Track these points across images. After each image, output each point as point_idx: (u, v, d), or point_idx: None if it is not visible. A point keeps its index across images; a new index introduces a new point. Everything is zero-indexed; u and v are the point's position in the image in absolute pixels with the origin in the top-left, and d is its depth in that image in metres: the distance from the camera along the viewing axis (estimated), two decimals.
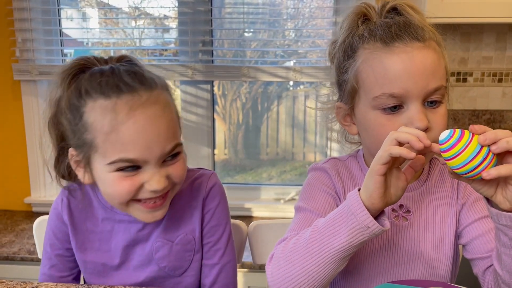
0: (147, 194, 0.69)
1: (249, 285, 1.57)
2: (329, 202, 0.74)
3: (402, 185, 0.60)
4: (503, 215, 0.55)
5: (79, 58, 0.73)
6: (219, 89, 2.16)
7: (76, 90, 0.69)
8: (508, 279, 0.61)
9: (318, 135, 2.24)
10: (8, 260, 1.57)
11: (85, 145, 0.68)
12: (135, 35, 2.10)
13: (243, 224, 0.97)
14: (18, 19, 1.83)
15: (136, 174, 0.68)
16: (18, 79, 1.88)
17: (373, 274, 0.73)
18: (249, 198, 1.97)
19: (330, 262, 0.59)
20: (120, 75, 0.68)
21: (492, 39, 1.91)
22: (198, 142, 1.96)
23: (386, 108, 0.67)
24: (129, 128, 0.65)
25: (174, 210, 0.80)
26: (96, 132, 0.66)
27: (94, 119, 0.66)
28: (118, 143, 0.65)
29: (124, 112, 0.65)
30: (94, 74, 0.70)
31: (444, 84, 0.67)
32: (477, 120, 1.97)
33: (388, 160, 0.56)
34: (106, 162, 0.67)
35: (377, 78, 0.67)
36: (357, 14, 0.71)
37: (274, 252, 0.66)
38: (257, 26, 1.96)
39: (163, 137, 0.68)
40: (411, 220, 0.73)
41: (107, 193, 0.71)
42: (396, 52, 0.65)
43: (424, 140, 0.56)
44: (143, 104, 0.66)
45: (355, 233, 0.58)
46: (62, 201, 0.81)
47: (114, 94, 0.66)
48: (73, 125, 0.69)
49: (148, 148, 0.66)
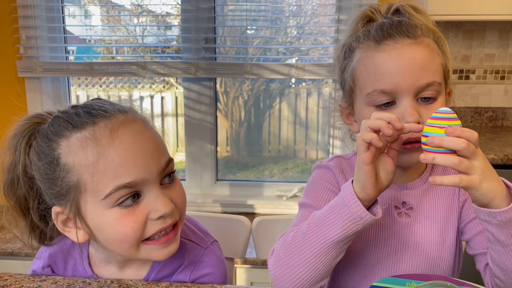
0: (156, 227, 0.62)
1: (252, 281, 1.58)
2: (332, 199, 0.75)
3: (390, 168, 0.61)
4: (481, 210, 0.58)
5: (30, 116, 0.66)
6: (221, 87, 2.17)
7: (42, 139, 0.62)
8: (498, 273, 0.63)
9: (320, 133, 2.24)
10: (13, 256, 1.58)
11: (70, 190, 0.60)
12: (137, 33, 2.11)
13: (246, 219, 0.98)
14: (22, 17, 1.84)
15: (137, 205, 0.61)
16: (22, 76, 1.89)
17: (376, 270, 0.74)
18: (252, 195, 1.97)
19: (326, 252, 0.61)
20: (88, 106, 0.63)
21: (495, 37, 1.91)
22: (201, 139, 1.97)
23: (379, 104, 0.68)
24: (116, 149, 0.59)
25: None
26: (81, 168, 0.59)
27: (74, 155, 0.59)
28: (109, 170, 0.58)
29: (106, 136, 0.59)
30: (57, 117, 0.63)
31: (438, 80, 0.67)
32: (480, 118, 1.98)
33: (366, 147, 0.58)
34: (101, 197, 0.59)
35: (369, 75, 0.69)
36: (361, 17, 0.73)
37: (275, 246, 0.68)
38: (259, 24, 1.96)
39: (154, 151, 0.62)
40: (413, 217, 0.74)
41: (111, 240, 0.62)
42: (386, 49, 0.67)
43: (395, 123, 0.58)
44: (122, 124, 0.61)
45: (348, 224, 0.60)
46: (43, 270, 0.73)
47: (88, 123, 0.60)
48: (50, 175, 0.61)
49: (142, 166, 0.60)
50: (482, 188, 0.55)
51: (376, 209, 0.62)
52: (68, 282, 0.68)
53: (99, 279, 0.69)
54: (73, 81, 2.19)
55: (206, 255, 0.73)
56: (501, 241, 0.59)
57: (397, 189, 0.75)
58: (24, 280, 0.69)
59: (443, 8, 1.54)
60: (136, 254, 0.64)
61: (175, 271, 0.71)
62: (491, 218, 0.57)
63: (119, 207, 0.60)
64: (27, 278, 0.70)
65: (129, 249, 0.63)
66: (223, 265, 0.75)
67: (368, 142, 0.58)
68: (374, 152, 0.59)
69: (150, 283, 0.68)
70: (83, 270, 0.71)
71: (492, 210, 0.57)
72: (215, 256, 0.74)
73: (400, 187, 0.75)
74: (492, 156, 1.46)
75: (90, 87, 2.56)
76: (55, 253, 0.73)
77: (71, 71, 1.92)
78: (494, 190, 0.56)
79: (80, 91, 2.51)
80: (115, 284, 0.68)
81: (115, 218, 0.60)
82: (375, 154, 0.59)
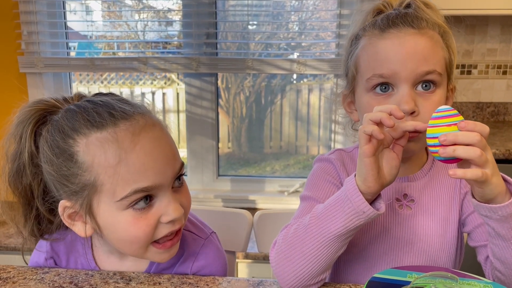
0: (165, 230, 0.63)
1: (253, 276, 1.59)
2: (333, 191, 0.75)
3: (395, 164, 0.61)
4: (482, 206, 0.58)
5: (35, 102, 0.65)
6: (222, 83, 2.17)
7: (56, 132, 0.61)
8: (499, 266, 0.63)
9: (322, 128, 2.24)
10: (15, 251, 1.59)
11: (84, 188, 0.60)
12: (138, 28, 2.11)
13: (248, 213, 0.98)
14: (23, 12, 1.84)
15: (149, 208, 0.62)
16: (24, 71, 1.89)
17: (377, 262, 0.75)
18: (254, 190, 1.98)
19: (328, 245, 0.61)
20: (108, 105, 0.62)
21: (497, 31, 1.90)
22: (203, 135, 1.97)
23: (377, 89, 0.69)
24: (138, 154, 0.59)
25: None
26: (100, 168, 0.59)
27: (94, 155, 0.59)
28: (129, 173, 0.59)
29: (128, 140, 0.59)
30: (71, 111, 0.62)
31: (438, 70, 0.68)
32: (481, 113, 1.97)
33: (367, 139, 0.58)
34: (116, 199, 0.59)
35: (369, 61, 0.70)
36: (373, 10, 0.74)
37: (277, 238, 0.68)
38: (261, 19, 1.96)
39: (170, 157, 0.63)
40: (415, 209, 0.74)
41: (121, 240, 0.63)
42: (389, 37, 0.68)
43: (396, 112, 0.58)
44: (144, 128, 0.61)
45: (351, 218, 0.60)
46: (46, 261, 0.73)
47: (109, 123, 0.60)
48: (65, 171, 0.60)
49: (159, 172, 0.61)
50: (492, 182, 0.55)
51: (379, 204, 0.61)
52: (71, 274, 0.68)
53: (102, 271, 0.69)
54: (75, 77, 2.20)
55: (205, 246, 0.73)
56: (502, 235, 0.59)
57: (398, 181, 0.75)
58: (27, 272, 0.69)
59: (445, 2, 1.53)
60: (143, 255, 0.65)
61: (176, 262, 0.72)
62: (492, 214, 0.57)
63: (132, 209, 0.61)
64: (30, 271, 0.70)
65: (138, 250, 0.64)
66: (223, 255, 0.76)
67: (369, 134, 0.58)
68: (375, 144, 0.59)
69: (152, 275, 0.68)
70: (86, 262, 0.72)
71: (493, 206, 0.56)
72: (215, 247, 0.74)
73: (401, 179, 0.75)
74: (494, 151, 1.46)
75: (91, 83, 2.56)
76: (57, 245, 0.73)
77: (72, 66, 1.92)
78: (500, 185, 0.56)
79: (81, 87, 2.51)
80: (117, 276, 0.68)
81: (128, 221, 0.61)
82: (376, 147, 0.59)
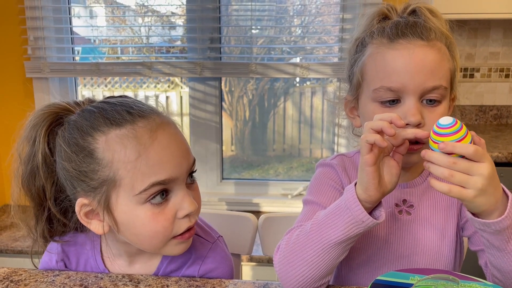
0: (184, 225, 0.65)
1: (257, 279, 1.60)
2: (335, 196, 0.76)
3: (395, 172, 0.62)
4: (475, 220, 0.58)
5: (48, 105, 0.67)
6: (225, 86, 2.18)
7: (74, 131, 0.63)
8: (496, 273, 0.64)
9: (325, 131, 2.25)
10: (22, 254, 1.61)
11: (103, 184, 0.62)
12: (142, 33, 2.13)
13: (253, 216, 0.99)
14: (30, 18, 1.86)
15: (166, 203, 0.64)
16: (30, 76, 1.91)
17: (377, 267, 0.75)
18: (257, 193, 1.99)
19: (328, 252, 0.62)
20: (125, 104, 0.65)
21: (499, 35, 1.91)
22: (207, 138, 1.99)
23: (384, 101, 0.69)
24: (156, 149, 0.62)
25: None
26: (119, 164, 0.61)
27: (113, 151, 0.61)
28: (147, 168, 0.61)
29: (147, 136, 0.62)
30: (89, 111, 0.65)
31: (444, 85, 0.68)
32: (484, 116, 1.98)
33: (369, 148, 0.58)
34: (135, 192, 0.61)
35: (378, 71, 0.70)
36: (378, 14, 0.74)
37: (281, 243, 0.69)
38: (264, 23, 1.97)
39: (185, 151, 0.66)
40: (414, 215, 0.75)
41: (141, 235, 0.64)
42: (399, 48, 0.68)
43: (396, 121, 0.58)
44: (160, 125, 0.64)
45: (350, 227, 0.60)
46: (57, 264, 0.74)
47: (128, 121, 0.63)
48: (84, 167, 0.62)
49: (176, 165, 0.64)
50: (475, 201, 0.55)
51: (379, 212, 0.62)
52: (81, 277, 0.70)
53: (111, 274, 0.71)
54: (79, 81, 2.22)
55: (213, 249, 0.75)
56: (497, 246, 0.59)
57: (397, 187, 0.76)
58: (38, 275, 0.71)
59: (447, 7, 1.55)
60: (161, 250, 0.67)
61: (184, 265, 0.73)
62: (485, 227, 0.57)
63: (150, 203, 0.63)
64: (41, 273, 0.71)
65: (157, 244, 0.65)
66: (230, 259, 0.77)
67: (371, 143, 0.58)
68: (377, 153, 0.59)
69: (160, 278, 0.70)
70: (96, 265, 0.73)
71: (487, 221, 0.56)
72: (222, 250, 0.76)
73: (400, 185, 0.76)
74: (496, 154, 1.46)
75: (95, 87, 2.59)
76: (68, 248, 0.74)
77: (78, 71, 1.95)
78: (487, 204, 0.55)
79: (86, 91, 2.53)
80: (126, 278, 0.69)
81: (146, 215, 0.63)
82: (378, 156, 0.59)
